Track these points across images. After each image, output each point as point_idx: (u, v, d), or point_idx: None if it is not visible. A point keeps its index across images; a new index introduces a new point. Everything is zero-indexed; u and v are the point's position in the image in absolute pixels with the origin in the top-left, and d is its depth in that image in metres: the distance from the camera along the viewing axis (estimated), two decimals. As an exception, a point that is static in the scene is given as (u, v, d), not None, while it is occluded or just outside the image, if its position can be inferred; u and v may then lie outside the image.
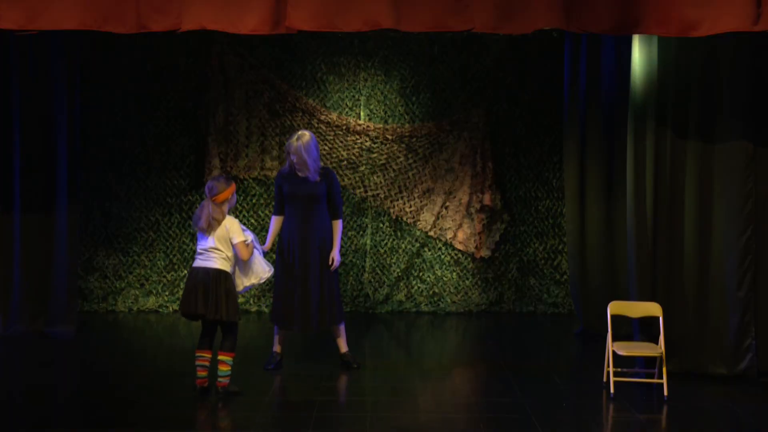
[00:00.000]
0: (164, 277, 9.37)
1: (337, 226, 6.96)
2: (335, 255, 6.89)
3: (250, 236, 6.33)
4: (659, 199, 6.88)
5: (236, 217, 9.24)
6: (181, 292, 9.25)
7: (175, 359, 7.50)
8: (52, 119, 8.08)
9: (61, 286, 8.14)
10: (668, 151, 6.85)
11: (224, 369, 6.29)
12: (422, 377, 7.03)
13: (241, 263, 6.32)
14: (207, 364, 6.32)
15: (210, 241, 6.18)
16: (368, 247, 9.44)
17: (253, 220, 9.33)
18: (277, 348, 7.07)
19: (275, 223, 6.98)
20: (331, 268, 6.87)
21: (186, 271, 9.28)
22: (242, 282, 6.39)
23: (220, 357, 6.29)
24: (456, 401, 6.54)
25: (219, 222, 6.18)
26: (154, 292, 9.36)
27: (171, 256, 9.36)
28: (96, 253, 9.30)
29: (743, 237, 6.71)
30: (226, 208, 6.25)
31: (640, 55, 6.86)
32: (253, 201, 9.33)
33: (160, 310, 9.33)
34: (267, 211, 9.29)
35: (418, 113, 9.38)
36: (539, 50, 9.23)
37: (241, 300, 9.32)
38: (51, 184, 8.12)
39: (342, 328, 7.09)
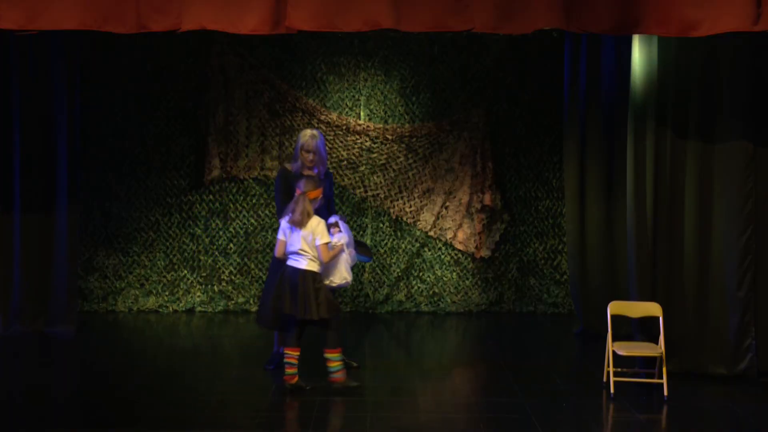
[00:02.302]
0: (164, 277, 9.36)
1: None
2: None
3: (343, 239, 6.48)
4: (659, 199, 6.88)
5: (236, 217, 9.30)
6: (181, 292, 9.32)
7: (175, 359, 7.51)
8: (52, 119, 8.08)
9: (61, 286, 8.14)
10: (668, 151, 6.85)
11: (333, 365, 6.44)
12: (422, 377, 7.04)
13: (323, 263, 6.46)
14: (295, 362, 6.44)
15: (298, 243, 6.34)
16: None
17: (253, 220, 9.33)
18: (277, 348, 7.06)
19: None
20: None
21: (186, 271, 9.32)
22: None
23: (326, 355, 6.44)
24: (456, 401, 6.54)
25: (310, 217, 6.36)
26: (154, 292, 9.36)
27: (171, 256, 9.36)
28: (96, 253, 9.30)
29: (743, 237, 6.71)
30: (313, 206, 6.44)
31: (640, 55, 6.86)
32: (253, 201, 9.32)
33: (160, 310, 9.33)
34: (267, 211, 9.28)
35: (418, 113, 9.38)
36: (539, 50, 9.23)
37: (241, 299, 9.34)
38: (51, 184, 8.12)
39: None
